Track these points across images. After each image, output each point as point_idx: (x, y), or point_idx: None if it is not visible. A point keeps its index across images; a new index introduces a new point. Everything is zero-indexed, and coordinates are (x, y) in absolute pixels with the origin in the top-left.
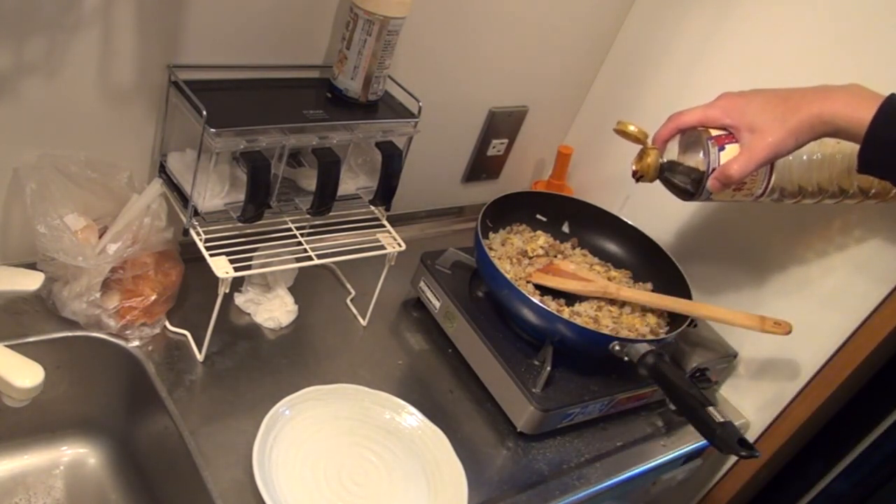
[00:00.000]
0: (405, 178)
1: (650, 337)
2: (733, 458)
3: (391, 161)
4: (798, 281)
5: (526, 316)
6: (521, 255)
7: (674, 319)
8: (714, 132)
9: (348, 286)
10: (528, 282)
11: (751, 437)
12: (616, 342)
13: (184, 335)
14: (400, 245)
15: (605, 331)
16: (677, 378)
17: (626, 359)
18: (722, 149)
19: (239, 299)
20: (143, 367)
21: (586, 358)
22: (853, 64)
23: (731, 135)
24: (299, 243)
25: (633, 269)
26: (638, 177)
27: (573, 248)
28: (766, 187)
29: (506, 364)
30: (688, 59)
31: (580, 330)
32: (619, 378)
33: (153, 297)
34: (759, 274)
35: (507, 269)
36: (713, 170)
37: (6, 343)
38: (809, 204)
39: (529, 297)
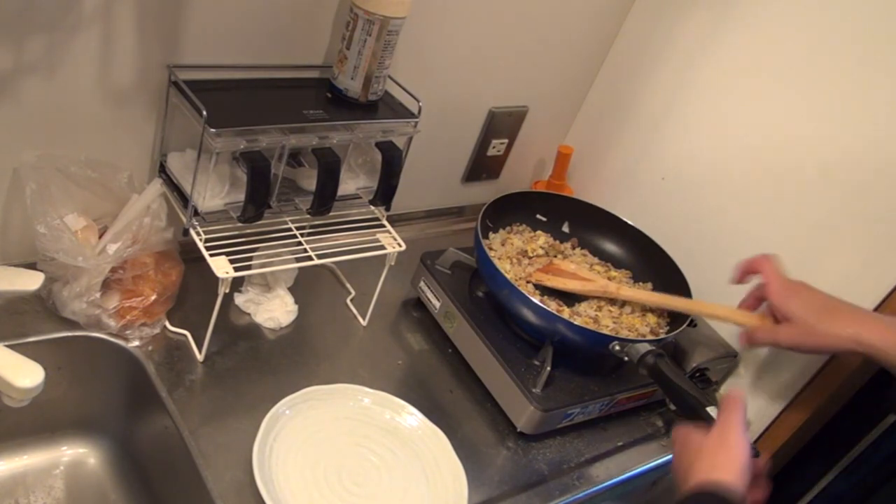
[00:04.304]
0: (405, 178)
1: (650, 337)
2: None
3: (391, 161)
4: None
5: (526, 316)
6: (521, 255)
7: (674, 319)
8: None
9: (348, 286)
10: (528, 282)
11: (751, 437)
12: (616, 342)
13: (184, 335)
14: (400, 245)
15: (605, 331)
16: (677, 378)
17: (626, 359)
18: None
19: (239, 299)
20: (143, 367)
21: (586, 358)
22: (853, 65)
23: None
24: (299, 243)
25: (633, 269)
26: None
27: (573, 248)
28: None
29: (506, 364)
30: (687, 59)
31: (580, 330)
32: (619, 378)
33: (153, 297)
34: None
35: (507, 269)
36: None
37: (6, 343)
38: None
39: (529, 297)
